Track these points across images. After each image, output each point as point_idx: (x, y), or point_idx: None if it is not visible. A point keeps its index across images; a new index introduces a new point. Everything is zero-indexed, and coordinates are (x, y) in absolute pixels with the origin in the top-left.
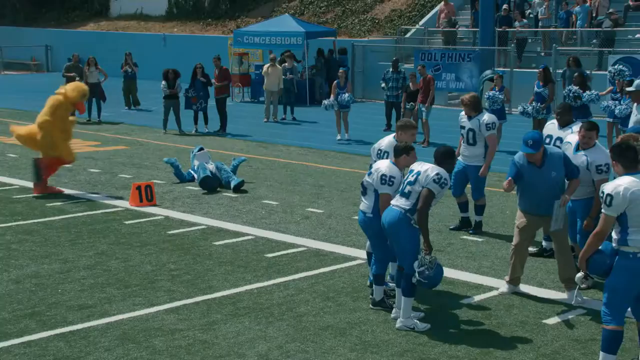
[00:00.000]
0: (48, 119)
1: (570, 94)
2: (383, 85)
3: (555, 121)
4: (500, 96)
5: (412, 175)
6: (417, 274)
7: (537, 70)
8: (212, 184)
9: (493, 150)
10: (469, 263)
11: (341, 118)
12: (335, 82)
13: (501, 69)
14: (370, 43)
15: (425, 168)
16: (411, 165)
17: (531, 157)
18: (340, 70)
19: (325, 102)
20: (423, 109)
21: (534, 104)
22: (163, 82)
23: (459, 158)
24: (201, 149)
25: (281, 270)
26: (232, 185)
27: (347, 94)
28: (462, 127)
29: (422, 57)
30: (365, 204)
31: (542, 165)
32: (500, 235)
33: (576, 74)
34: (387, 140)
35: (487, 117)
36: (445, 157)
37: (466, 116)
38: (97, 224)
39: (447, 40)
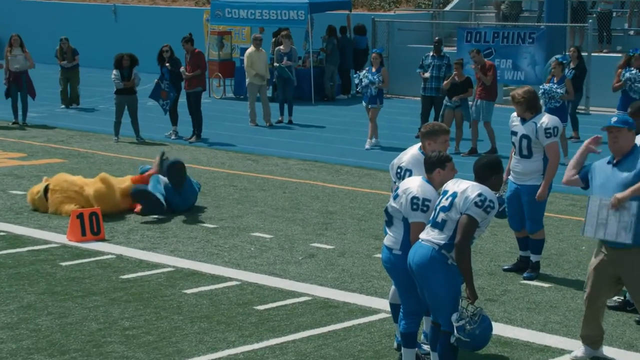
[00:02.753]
0: None
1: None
2: (426, 74)
3: None
4: (559, 90)
5: (447, 199)
6: (455, 330)
7: (622, 55)
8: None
9: (555, 164)
10: (532, 317)
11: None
12: (367, 69)
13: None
14: (398, 18)
15: (462, 187)
16: (445, 185)
17: (613, 141)
18: (374, 54)
19: (360, 77)
20: (482, 107)
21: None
22: (115, 72)
23: (509, 177)
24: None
25: (276, 328)
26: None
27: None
28: (514, 134)
29: (467, 38)
30: (391, 238)
31: (619, 162)
32: (573, 280)
33: None
34: (410, 155)
35: (547, 119)
36: (488, 170)
37: (519, 118)
38: (22, 267)
39: (507, 14)
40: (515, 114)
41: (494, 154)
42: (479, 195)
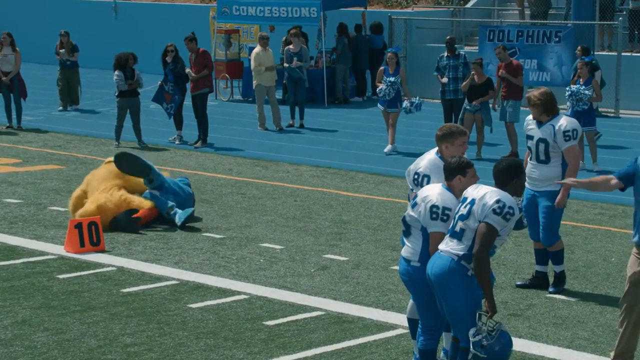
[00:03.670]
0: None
1: None
2: (444, 79)
3: None
4: (587, 92)
5: (465, 206)
6: (471, 346)
7: None
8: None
9: (575, 169)
10: (558, 333)
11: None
12: (382, 68)
13: (604, 52)
14: (416, 16)
15: (481, 193)
16: (465, 191)
17: None
18: (390, 53)
19: (381, 88)
20: (508, 107)
21: None
22: (117, 73)
23: (525, 184)
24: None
25: (287, 344)
26: (178, 222)
27: (417, 99)
28: (530, 138)
29: (490, 37)
30: (408, 249)
31: None
32: (602, 294)
33: None
34: (427, 160)
35: (565, 121)
36: (508, 174)
37: (535, 121)
38: (17, 280)
39: (536, 11)
40: (530, 117)
41: (513, 157)
42: (498, 201)
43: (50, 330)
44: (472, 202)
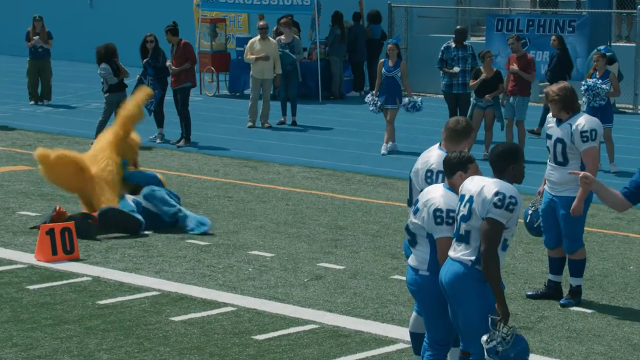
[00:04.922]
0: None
1: None
2: (456, 69)
3: None
4: (604, 86)
5: (464, 205)
6: (486, 353)
7: None
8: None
9: (593, 173)
10: (573, 347)
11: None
12: (382, 60)
13: (621, 43)
14: (418, 4)
15: (478, 187)
16: (461, 187)
17: None
18: (390, 44)
19: (369, 98)
20: (515, 104)
21: None
22: (103, 66)
23: (545, 187)
24: None
25: None
26: (191, 229)
27: (418, 98)
28: (548, 137)
29: (498, 26)
30: (416, 258)
31: None
32: (620, 306)
33: None
34: (436, 156)
35: (583, 120)
36: (505, 159)
37: (554, 119)
38: None
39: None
40: (550, 114)
41: (511, 142)
42: (497, 193)
43: (19, 346)
44: (471, 199)
